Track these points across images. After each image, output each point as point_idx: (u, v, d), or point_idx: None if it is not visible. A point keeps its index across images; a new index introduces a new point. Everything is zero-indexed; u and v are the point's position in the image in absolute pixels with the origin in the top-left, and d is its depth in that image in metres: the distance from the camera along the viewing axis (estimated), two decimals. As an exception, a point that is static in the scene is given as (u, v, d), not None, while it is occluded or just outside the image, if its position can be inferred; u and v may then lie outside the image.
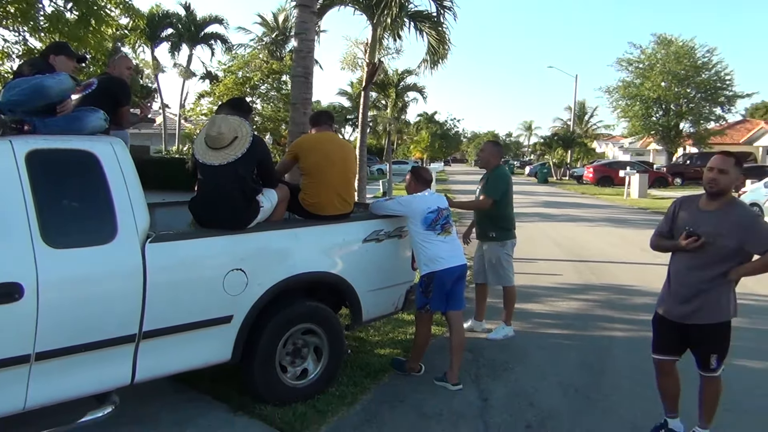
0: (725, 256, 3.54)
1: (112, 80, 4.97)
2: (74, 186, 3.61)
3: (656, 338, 3.93)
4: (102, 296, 3.45)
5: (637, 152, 53.25)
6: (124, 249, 3.54)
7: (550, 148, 47.26)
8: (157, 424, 4.04)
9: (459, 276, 4.91)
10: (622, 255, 11.37)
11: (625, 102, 40.63)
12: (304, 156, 4.89)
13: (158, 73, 39.72)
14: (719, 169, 3.57)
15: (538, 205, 23.13)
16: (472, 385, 4.87)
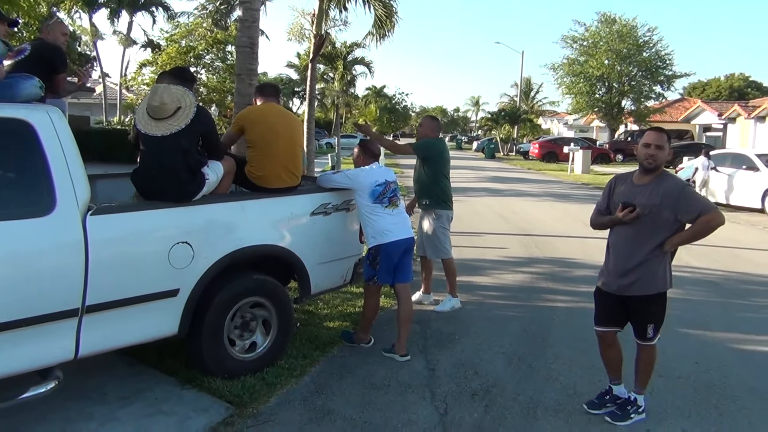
0: (660, 226, 3.66)
1: (46, 46, 4.76)
2: (8, 156, 3.46)
3: (597, 311, 4.03)
4: (41, 270, 3.34)
5: (581, 129, 54.39)
6: (63, 221, 3.42)
7: (497, 123, 47.78)
8: (103, 399, 3.97)
9: (406, 249, 4.95)
10: (566, 229, 11.67)
11: (570, 79, 41.34)
12: (249, 128, 4.80)
13: (97, 40, 38.08)
14: (656, 145, 3.68)
15: (485, 180, 23.47)
16: (419, 355, 4.95)
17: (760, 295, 7.21)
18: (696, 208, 3.59)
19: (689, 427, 3.89)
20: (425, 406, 4.08)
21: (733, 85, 61.95)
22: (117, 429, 3.62)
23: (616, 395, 4.04)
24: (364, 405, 4.06)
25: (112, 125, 28.06)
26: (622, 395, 4.02)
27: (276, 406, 4.00)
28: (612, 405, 3.99)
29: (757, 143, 30.18)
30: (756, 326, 5.97)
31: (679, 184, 3.73)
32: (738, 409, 4.15)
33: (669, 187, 3.66)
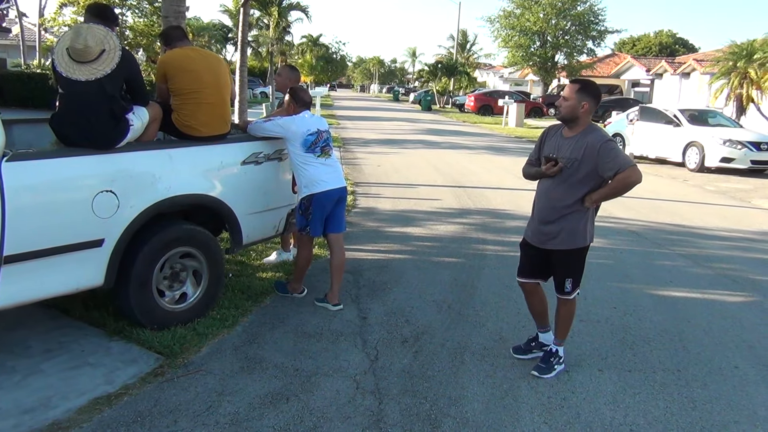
0: (582, 180, 3.68)
1: None
2: None
3: (521, 262, 4.10)
4: (-48, 219, 3.18)
5: (516, 82, 55.00)
6: (-25, 168, 3.25)
7: (434, 76, 47.76)
8: (27, 352, 3.87)
9: (339, 198, 4.94)
10: (498, 181, 11.91)
11: (506, 32, 41.55)
12: (172, 75, 4.55)
13: (12, -24, 35.64)
14: (563, 96, 3.74)
15: (421, 132, 23.55)
16: (352, 305, 5.01)
17: (679, 244, 7.60)
18: (614, 164, 3.58)
19: (605, 367, 4.11)
20: (356, 353, 4.15)
21: (662, 42, 63.81)
22: (41, 381, 3.54)
23: (542, 342, 4.15)
24: (296, 353, 4.10)
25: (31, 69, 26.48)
26: (548, 342, 4.12)
27: (207, 355, 3.99)
28: (538, 351, 4.13)
29: (682, 99, 31.34)
30: (672, 274, 6.31)
31: (601, 138, 3.69)
32: (651, 350, 4.42)
33: (591, 141, 3.65)
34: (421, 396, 3.61)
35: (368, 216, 8.32)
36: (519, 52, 41.07)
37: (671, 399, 3.72)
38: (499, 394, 3.69)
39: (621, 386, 3.86)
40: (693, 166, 15.18)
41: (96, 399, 3.39)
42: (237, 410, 3.36)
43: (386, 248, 6.78)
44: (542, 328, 4.19)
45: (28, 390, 3.45)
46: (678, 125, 15.81)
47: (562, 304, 3.97)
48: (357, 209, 8.69)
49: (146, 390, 3.51)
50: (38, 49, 30.87)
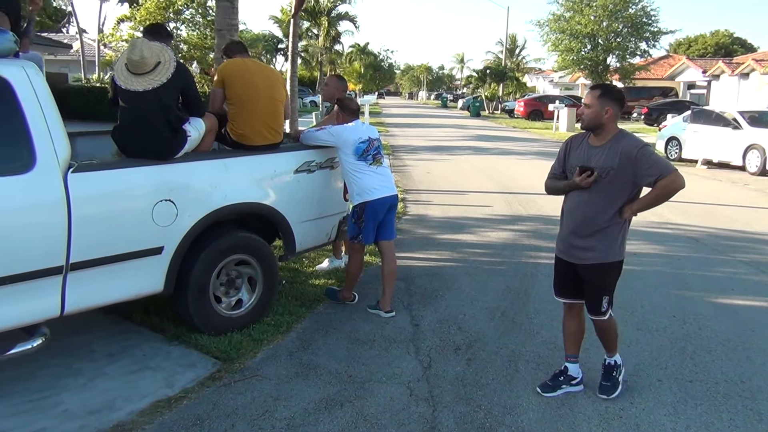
0: (618, 190, 3.46)
1: None
2: (-15, 113, 3.40)
3: (556, 280, 3.85)
4: (23, 227, 3.32)
5: (566, 87, 54.13)
6: (44, 179, 3.39)
7: (483, 81, 47.49)
8: (91, 355, 4.02)
9: (390, 206, 4.97)
10: (549, 186, 11.72)
11: (556, 36, 40.98)
12: (229, 82, 4.72)
13: (73, -6, 37.17)
14: (584, 103, 3.53)
15: (470, 138, 23.42)
16: (404, 312, 5.02)
17: (740, 250, 7.34)
18: (655, 170, 3.35)
19: (665, 377, 4.00)
20: (409, 360, 4.15)
21: (719, 42, 61.83)
22: (106, 384, 3.67)
23: (572, 375, 3.80)
24: (350, 359, 4.13)
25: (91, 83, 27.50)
26: (577, 375, 3.80)
27: (262, 361, 4.06)
28: (568, 385, 3.77)
29: (740, 100, 30.31)
30: (734, 281, 6.10)
31: (636, 143, 3.45)
32: (713, 360, 4.27)
33: (626, 147, 3.42)
34: (475, 404, 3.59)
35: (419, 223, 8.32)
36: (569, 55, 40.41)
37: (735, 411, 3.59)
38: (555, 403, 3.63)
39: (682, 397, 3.74)
40: (754, 169, 14.64)
41: (157, 402, 3.49)
42: (292, 415, 3.41)
43: (437, 255, 6.77)
44: (572, 357, 3.83)
45: (94, 392, 3.57)
46: (737, 128, 15.28)
47: (600, 326, 3.70)
48: (407, 216, 8.70)
49: (205, 394, 3.60)
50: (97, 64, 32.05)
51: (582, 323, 3.83)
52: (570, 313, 3.83)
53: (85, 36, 38.18)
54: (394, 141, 20.85)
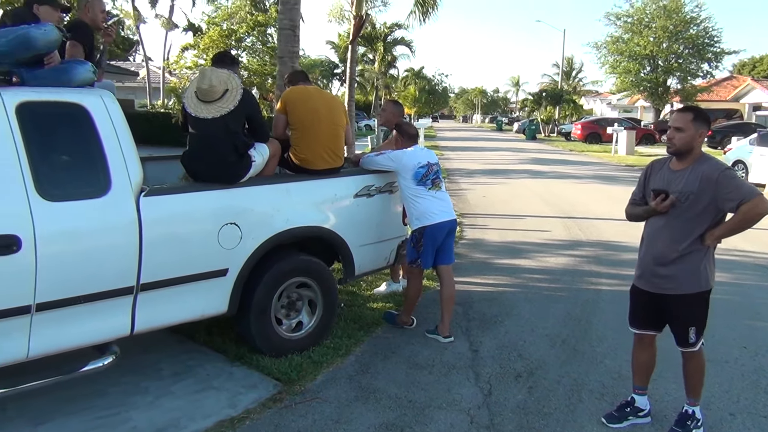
0: (699, 216, 3.31)
1: (76, 26, 4.72)
2: (65, 139, 3.58)
3: (632, 310, 3.69)
4: (98, 249, 3.47)
5: (624, 109, 53.20)
6: (118, 202, 3.54)
7: (539, 104, 47.09)
8: (158, 374, 4.13)
9: (450, 230, 4.96)
10: (610, 212, 11.47)
11: (614, 58, 40.38)
12: (291, 108, 4.85)
13: (139, 24, 38.79)
14: (675, 126, 3.38)
15: (526, 162, 23.20)
16: (462, 337, 4.97)
17: (813, 279, 7.00)
18: (736, 194, 3.18)
19: (737, 411, 3.83)
20: (469, 386, 4.11)
21: (786, 63, 59.66)
22: (172, 403, 3.76)
23: (638, 407, 3.69)
24: (409, 384, 4.11)
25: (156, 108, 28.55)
26: (644, 407, 3.70)
27: (322, 383, 4.09)
28: (634, 417, 3.66)
29: (811, 123, 29.09)
30: (809, 311, 5.82)
31: (718, 167, 3.31)
32: (789, 394, 4.08)
33: (707, 171, 3.27)
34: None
35: (476, 247, 8.27)
36: (628, 77, 39.74)
37: (817, 449, 3.41)
38: (621, 435, 3.53)
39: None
40: (828, 194, 13.99)
41: (221, 422, 3.55)
42: (353, 439, 3.41)
43: (495, 280, 6.70)
44: (641, 389, 3.72)
45: (161, 410, 3.67)
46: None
47: (688, 358, 3.52)
48: (464, 240, 8.65)
49: (266, 415, 3.64)
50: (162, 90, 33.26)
51: (654, 355, 3.70)
52: (641, 343, 3.69)
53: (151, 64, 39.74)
54: (450, 164, 20.83)
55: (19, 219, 3.19)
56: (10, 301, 3.18)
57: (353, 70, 13.48)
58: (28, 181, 3.24)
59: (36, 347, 3.32)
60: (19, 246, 3.16)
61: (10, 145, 3.22)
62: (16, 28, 3.69)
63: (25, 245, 3.18)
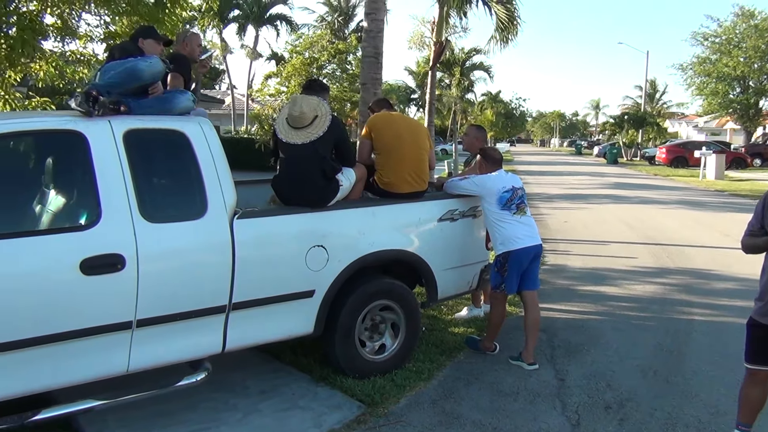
0: None
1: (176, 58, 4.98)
2: (167, 164, 3.80)
3: (750, 344, 3.46)
4: (195, 269, 3.63)
5: (712, 132, 51.03)
6: (214, 224, 3.69)
7: (620, 127, 45.85)
8: (246, 392, 4.24)
9: (535, 255, 4.90)
10: (700, 238, 11.00)
11: (701, 79, 38.95)
12: (377, 134, 4.95)
13: (226, 54, 40.58)
14: None
15: (608, 186, 22.57)
16: (547, 365, 4.86)
17: None
18: None
19: None
20: (556, 416, 4.00)
21: None
22: (260, 420, 3.85)
23: None
24: (493, 411, 4.05)
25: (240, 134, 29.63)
26: None
27: (406, 407, 4.08)
28: None
29: None
30: None
31: None
32: None
33: None
34: (631, 468, 3.38)
35: (558, 273, 8.09)
36: (716, 99, 38.21)
37: None
38: (721, 474, 3.35)
39: None
40: None
41: (307, 442, 3.60)
42: (438, 465, 3.38)
43: (580, 307, 6.52)
44: (745, 426, 3.52)
45: (249, 428, 3.76)
46: None
47: None
48: (546, 266, 8.47)
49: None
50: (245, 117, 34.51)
51: (766, 392, 3.47)
52: (754, 379, 3.47)
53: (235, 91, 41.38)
54: (529, 189, 20.41)
55: (124, 239, 3.38)
56: (113, 317, 3.37)
57: (432, 95, 13.58)
58: (133, 204, 3.44)
59: (135, 361, 3.49)
60: (123, 264, 3.35)
61: (117, 170, 3.44)
62: (125, 61, 3.95)
63: (129, 264, 3.37)
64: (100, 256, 3.28)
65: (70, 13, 7.82)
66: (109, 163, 3.43)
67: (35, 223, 3.47)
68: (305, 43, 23.05)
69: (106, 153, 3.44)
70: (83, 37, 8.73)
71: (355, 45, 21.45)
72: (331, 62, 22.52)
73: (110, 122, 3.53)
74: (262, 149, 17.66)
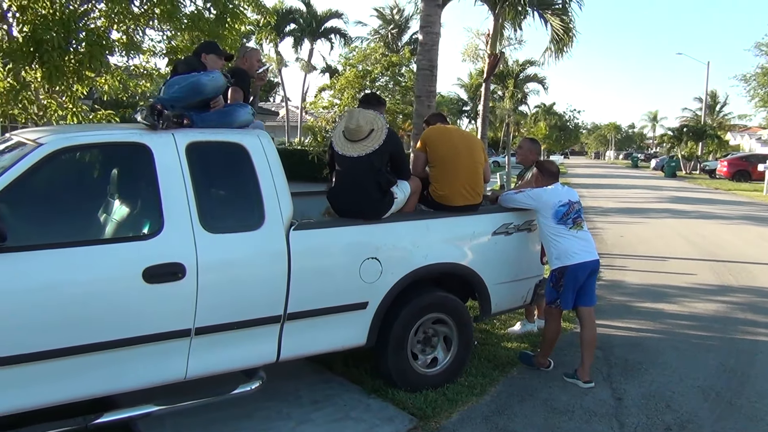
0: None
1: (236, 73, 5.11)
2: (227, 176, 3.88)
3: None
4: (252, 279, 3.70)
5: (777, 144, 49.11)
6: (271, 235, 3.76)
7: (679, 140, 44.58)
8: (298, 401, 4.27)
9: (592, 271, 4.80)
10: (764, 255, 10.58)
11: (765, 90, 37.55)
12: (432, 147, 4.95)
13: (281, 67, 41.33)
14: None
15: (666, 200, 21.97)
16: (603, 383, 4.75)
17: None
18: None
19: None
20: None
21: None
22: (312, 430, 3.89)
23: None
24: (548, 429, 3.98)
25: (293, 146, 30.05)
26: None
27: (458, 422, 4.05)
28: None
29: None
30: None
31: None
32: None
33: None
34: (693, 493, 3.27)
35: (614, 289, 7.90)
36: (782, 111, 36.78)
37: None
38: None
39: None
40: None
41: (360, 453, 3.61)
42: (491, 482, 3.34)
43: (637, 325, 6.35)
44: None
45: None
46: None
47: None
48: (602, 282, 8.27)
49: (404, 450, 3.65)
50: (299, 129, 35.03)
51: None
52: None
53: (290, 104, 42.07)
54: (583, 202, 19.89)
55: (185, 249, 3.48)
56: (173, 324, 3.46)
57: (486, 108, 13.52)
58: (194, 214, 3.53)
59: (193, 369, 3.57)
60: (183, 273, 3.44)
61: (180, 181, 3.54)
62: (188, 76, 4.08)
63: (189, 273, 3.46)
64: (162, 264, 3.38)
65: (135, 29, 8.12)
66: (172, 175, 3.54)
67: (101, 232, 3.60)
68: (359, 56, 23.27)
69: (169, 165, 3.55)
70: (147, 52, 9.06)
71: (408, 57, 21.55)
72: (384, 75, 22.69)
73: (174, 135, 3.65)
74: (314, 160, 17.87)
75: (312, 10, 38.74)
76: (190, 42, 8.61)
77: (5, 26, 7.49)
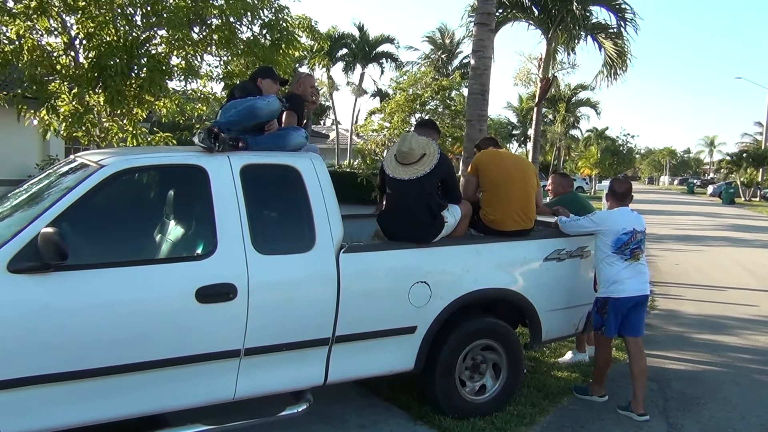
0: None
1: (291, 98, 5.19)
2: (279, 198, 3.95)
3: None
4: (301, 301, 3.72)
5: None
6: (321, 258, 3.78)
7: (738, 166, 43.24)
8: (345, 425, 4.26)
9: (636, 304, 4.63)
10: (831, 287, 10.11)
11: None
12: (484, 172, 4.93)
13: (333, 91, 41.95)
14: None
15: (724, 228, 21.28)
16: (659, 417, 4.58)
17: None
18: None
19: None
20: (670, 473, 3.76)
21: None
22: (358, 455, 3.85)
23: None
24: (600, 463, 3.86)
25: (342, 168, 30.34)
26: None
27: (507, 452, 3.96)
28: None
29: None
30: None
31: None
32: None
33: None
34: None
35: (670, 319, 7.65)
36: None
37: None
38: None
39: None
40: None
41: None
42: None
43: (694, 357, 6.13)
44: None
45: (348, 462, 3.76)
46: None
47: None
48: (656, 311, 8.05)
49: (451, 479, 3.58)
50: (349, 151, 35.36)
51: None
52: None
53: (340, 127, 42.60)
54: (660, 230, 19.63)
55: (237, 269, 3.53)
56: (224, 344, 3.51)
57: (538, 131, 13.42)
58: (246, 236, 3.59)
59: (242, 389, 3.60)
60: (235, 294, 3.48)
61: (234, 203, 3.61)
62: (244, 100, 4.18)
63: (240, 294, 3.50)
64: (215, 285, 3.43)
65: (194, 54, 8.37)
66: (226, 197, 3.61)
67: (157, 252, 3.69)
68: (409, 80, 23.43)
69: (224, 187, 3.62)
70: (204, 77, 9.32)
71: (459, 81, 21.57)
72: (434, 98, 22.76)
73: (229, 157, 3.73)
74: (363, 183, 17.99)
75: (365, 36, 39.27)
76: (245, 67, 8.82)
77: (72, 53, 7.83)
